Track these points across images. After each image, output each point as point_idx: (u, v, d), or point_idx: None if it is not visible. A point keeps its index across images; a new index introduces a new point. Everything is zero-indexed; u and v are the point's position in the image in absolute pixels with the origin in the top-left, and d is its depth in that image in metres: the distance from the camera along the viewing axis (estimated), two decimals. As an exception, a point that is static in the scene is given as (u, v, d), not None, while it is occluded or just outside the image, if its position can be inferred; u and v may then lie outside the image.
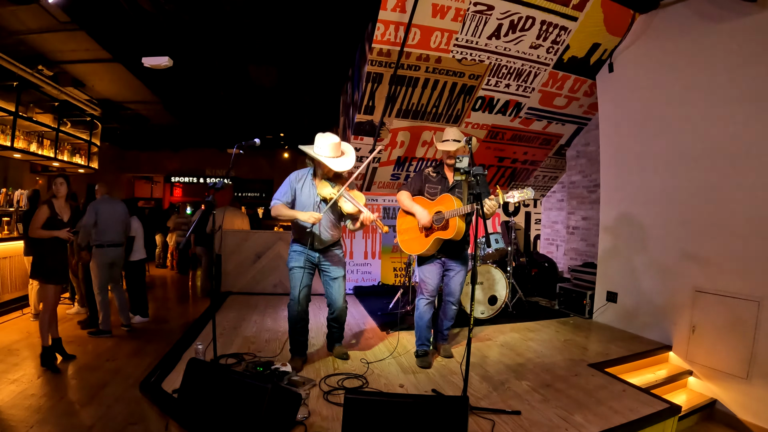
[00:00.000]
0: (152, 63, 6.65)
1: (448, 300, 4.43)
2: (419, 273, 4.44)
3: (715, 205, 4.84)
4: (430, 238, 4.16)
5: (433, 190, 4.34)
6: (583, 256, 7.98)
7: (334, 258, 4.29)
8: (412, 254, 4.53)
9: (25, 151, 8.69)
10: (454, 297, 4.39)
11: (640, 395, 3.78)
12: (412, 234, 4.37)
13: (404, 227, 4.46)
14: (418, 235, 4.30)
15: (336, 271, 4.27)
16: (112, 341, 6.01)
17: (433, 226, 4.15)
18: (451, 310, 4.47)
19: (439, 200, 4.19)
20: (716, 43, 4.84)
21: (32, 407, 4.08)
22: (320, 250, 4.22)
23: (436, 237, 4.11)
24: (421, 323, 4.40)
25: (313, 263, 4.25)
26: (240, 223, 8.41)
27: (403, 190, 4.48)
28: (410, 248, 4.40)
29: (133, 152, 16.38)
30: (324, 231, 4.13)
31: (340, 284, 4.30)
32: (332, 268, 4.27)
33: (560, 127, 7.79)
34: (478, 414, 3.26)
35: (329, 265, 4.26)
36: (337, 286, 4.28)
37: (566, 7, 5.56)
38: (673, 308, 5.22)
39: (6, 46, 7.12)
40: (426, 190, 4.39)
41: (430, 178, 4.41)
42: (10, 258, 7.34)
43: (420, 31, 5.52)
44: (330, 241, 4.23)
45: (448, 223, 4.04)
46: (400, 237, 4.51)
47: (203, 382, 2.82)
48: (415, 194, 4.44)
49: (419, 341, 4.44)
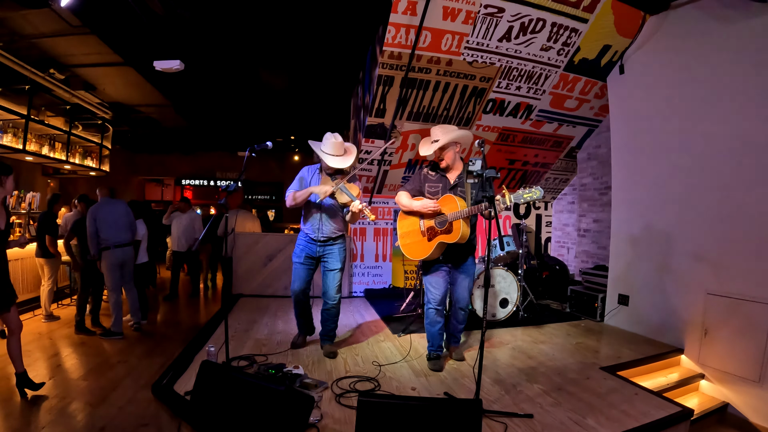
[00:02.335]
0: (164, 67, 6.67)
1: (457, 306, 4.35)
2: (425, 282, 4.37)
3: (727, 207, 4.80)
4: (433, 243, 4.04)
5: (434, 189, 4.22)
6: (594, 259, 7.93)
7: (334, 251, 4.54)
8: (414, 259, 4.41)
9: (37, 154, 8.77)
10: (462, 303, 4.31)
11: (653, 399, 3.75)
12: (413, 237, 4.25)
13: (405, 230, 4.34)
14: (420, 239, 4.19)
15: (333, 263, 4.52)
16: (123, 342, 6.04)
17: (435, 228, 4.04)
18: (460, 314, 4.39)
19: (442, 201, 4.05)
20: (727, 43, 4.81)
21: (44, 408, 4.12)
22: (323, 241, 4.50)
23: (440, 241, 4.00)
24: (432, 330, 4.34)
25: (314, 257, 4.56)
26: (251, 226, 8.44)
27: (401, 191, 4.38)
28: (412, 253, 4.27)
29: (144, 155, 16.49)
30: (326, 221, 4.46)
31: (335, 276, 4.52)
32: (330, 260, 4.53)
33: (571, 130, 7.76)
34: (490, 417, 3.24)
35: (328, 257, 4.53)
36: (331, 276, 4.52)
37: (577, 9, 5.55)
38: (685, 311, 5.18)
39: (18, 50, 7.19)
40: (426, 189, 4.27)
41: (429, 177, 4.29)
42: (22, 260, 7.39)
43: (431, 34, 5.52)
44: (332, 233, 4.50)
45: (451, 226, 3.93)
46: (401, 241, 4.38)
47: (216, 384, 2.83)
48: (415, 195, 4.33)
49: (431, 346, 4.38)
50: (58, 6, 5.40)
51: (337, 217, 4.51)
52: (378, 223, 8.00)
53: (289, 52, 7.43)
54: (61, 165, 10.00)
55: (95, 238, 6.16)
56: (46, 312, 6.97)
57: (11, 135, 7.91)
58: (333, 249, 4.52)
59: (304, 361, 4.33)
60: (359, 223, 7.85)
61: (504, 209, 3.80)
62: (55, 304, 7.33)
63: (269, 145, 4.16)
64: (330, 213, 4.46)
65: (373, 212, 7.64)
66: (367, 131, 6.73)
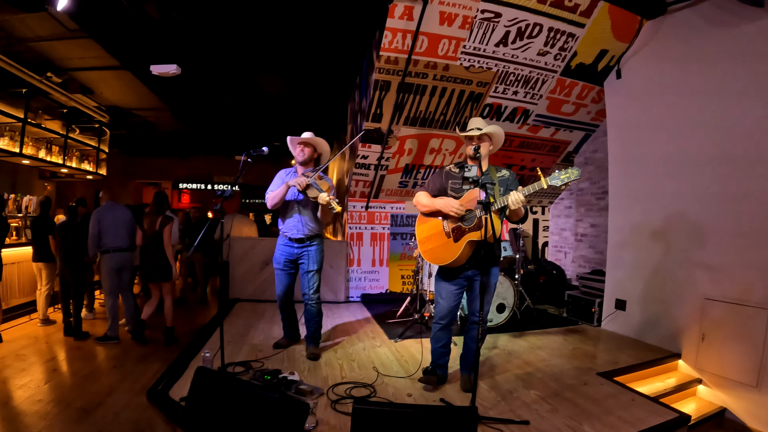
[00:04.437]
0: (161, 71, 6.66)
1: (471, 318, 3.92)
2: (435, 291, 3.95)
3: (724, 212, 4.82)
4: (461, 242, 3.57)
5: (457, 185, 3.78)
6: (591, 264, 7.94)
7: (311, 252, 4.66)
8: (440, 265, 3.79)
9: (34, 158, 8.73)
10: (478, 315, 3.53)
11: (650, 404, 3.76)
12: (437, 241, 3.73)
13: (426, 234, 3.82)
14: (445, 242, 3.68)
15: (309, 265, 4.65)
16: (119, 347, 6.01)
17: (462, 227, 3.60)
18: (473, 330, 3.86)
19: (467, 196, 3.63)
20: (724, 48, 4.84)
21: (39, 413, 4.08)
22: (300, 241, 4.63)
23: (469, 240, 3.54)
24: (435, 346, 3.97)
25: (293, 261, 4.72)
26: (248, 231, 8.42)
27: (420, 191, 3.89)
28: (437, 258, 3.72)
29: (141, 159, 16.44)
30: (304, 220, 4.63)
31: (312, 277, 4.64)
32: (306, 261, 4.65)
33: (568, 134, 7.78)
34: (486, 424, 3.24)
35: (304, 258, 4.66)
36: (308, 278, 4.65)
37: (574, 14, 5.57)
38: (683, 316, 5.19)
39: (15, 54, 7.17)
40: (449, 187, 3.79)
41: (453, 174, 3.84)
42: (18, 263, 7.36)
43: (428, 39, 5.53)
44: (310, 232, 4.64)
45: (481, 221, 3.44)
46: (422, 247, 3.84)
47: (211, 391, 2.81)
48: (435, 194, 3.83)
49: (432, 363, 4.04)
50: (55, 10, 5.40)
51: (313, 215, 4.69)
52: (375, 228, 7.98)
53: (286, 56, 7.42)
54: (58, 168, 9.94)
55: (96, 240, 6.12)
56: (42, 316, 6.94)
57: (8, 138, 7.88)
58: (310, 250, 4.64)
59: (300, 367, 4.32)
60: (356, 227, 7.85)
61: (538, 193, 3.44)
62: (51, 308, 7.29)
63: (265, 151, 4.21)
64: (307, 212, 4.64)
65: (370, 217, 7.76)
66: (364, 136, 6.73)
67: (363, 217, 7.92)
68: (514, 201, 3.33)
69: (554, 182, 3.27)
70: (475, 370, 3.23)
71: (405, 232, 8.13)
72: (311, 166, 4.79)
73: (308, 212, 4.65)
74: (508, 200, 3.36)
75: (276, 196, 4.53)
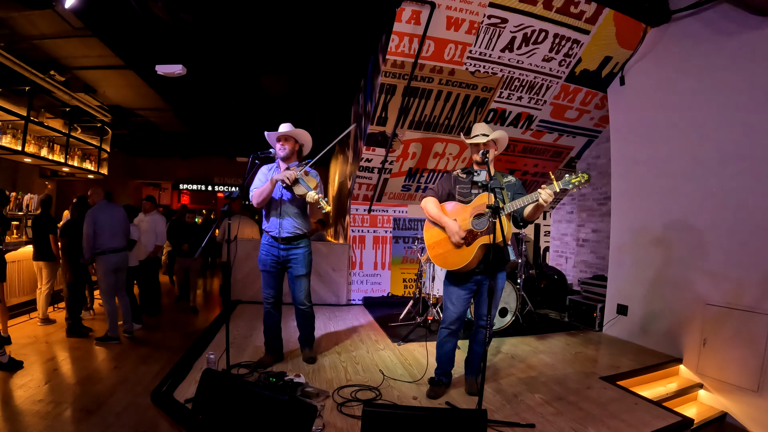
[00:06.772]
0: (166, 71, 6.67)
1: (478, 322, 3.91)
2: (444, 295, 3.93)
3: (726, 219, 4.84)
4: (474, 246, 3.54)
5: (465, 189, 3.78)
6: (592, 269, 7.95)
7: (299, 256, 4.40)
8: (451, 269, 3.77)
9: (36, 156, 8.74)
10: (485, 319, 3.48)
11: (653, 408, 3.76)
12: (447, 245, 3.68)
13: (435, 239, 3.77)
14: (456, 246, 3.68)
15: (298, 269, 4.41)
16: (119, 348, 6.01)
17: (474, 231, 3.57)
18: (480, 333, 3.89)
19: (477, 200, 3.64)
20: (728, 56, 4.86)
21: (39, 413, 4.08)
22: (285, 240, 4.35)
23: (481, 243, 3.51)
24: (440, 352, 3.95)
25: (279, 262, 4.41)
26: (250, 232, 8.41)
27: (428, 196, 3.86)
28: (448, 262, 3.69)
29: (143, 159, 16.43)
30: (288, 218, 4.35)
31: (302, 282, 4.44)
32: (295, 266, 4.41)
33: (571, 140, 7.80)
34: (493, 427, 3.23)
35: (293, 263, 4.41)
36: (298, 283, 4.44)
37: (579, 20, 5.58)
38: (684, 321, 5.20)
39: (19, 51, 7.18)
40: (457, 192, 3.80)
41: (461, 179, 3.84)
42: (19, 262, 7.35)
43: (434, 44, 5.54)
44: (294, 231, 4.37)
45: (492, 225, 3.41)
46: (432, 252, 3.80)
47: (218, 393, 2.81)
48: (444, 199, 3.83)
49: (437, 369, 4.01)
50: (61, 8, 5.41)
51: (299, 213, 4.41)
52: (377, 231, 7.98)
53: (290, 58, 7.43)
54: (59, 167, 9.95)
55: (91, 241, 6.06)
56: (42, 315, 6.93)
57: (10, 136, 7.89)
58: (297, 254, 4.39)
59: (305, 370, 4.31)
60: (359, 230, 7.85)
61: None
62: (51, 308, 7.28)
63: (272, 153, 4.22)
64: (291, 209, 4.36)
65: (373, 220, 7.76)
66: (368, 139, 6.73)
67: (366, 220, 7.92)
68: (547, 196, 3.27)
69: (566, 186, 3.28)
70: (482, 374, 3.23)
71: (407, 235, 8.13)
72: (295, 160, 4.48)
73: (294, 209, 4.37)
74: (540, 196, 3.28)
75: (263, 193, 4.24)
